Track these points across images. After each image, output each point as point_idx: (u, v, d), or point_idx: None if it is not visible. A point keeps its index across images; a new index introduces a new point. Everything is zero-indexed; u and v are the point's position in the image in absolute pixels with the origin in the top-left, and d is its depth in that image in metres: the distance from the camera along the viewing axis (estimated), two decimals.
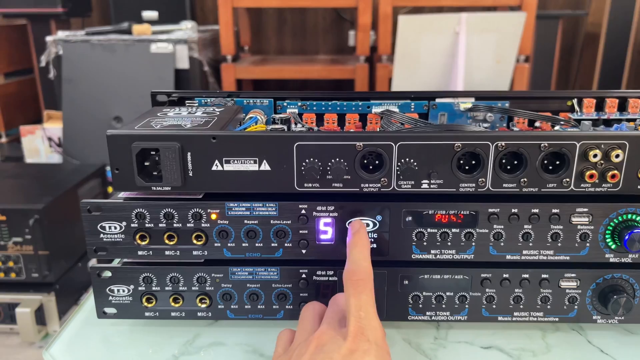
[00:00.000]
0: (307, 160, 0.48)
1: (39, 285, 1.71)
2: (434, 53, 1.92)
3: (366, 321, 0.42)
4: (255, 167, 0.49)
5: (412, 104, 0.66)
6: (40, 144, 2.41)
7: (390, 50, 2.13)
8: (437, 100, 0.66)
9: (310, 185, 0.49)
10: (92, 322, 0.56)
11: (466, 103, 0.66)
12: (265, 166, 0.49)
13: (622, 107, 0.64)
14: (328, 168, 0.48)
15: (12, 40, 2.59)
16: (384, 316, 0.54)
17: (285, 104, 0.66)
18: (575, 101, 0.65)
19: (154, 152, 0.49)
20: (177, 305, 0.54)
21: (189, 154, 0.48)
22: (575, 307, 0.53)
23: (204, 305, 0.54)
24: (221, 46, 2.24)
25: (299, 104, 0.66)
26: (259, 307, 0.54)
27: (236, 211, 0.51)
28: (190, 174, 0.49)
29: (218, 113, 0.57)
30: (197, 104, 0.64)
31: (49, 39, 2.21)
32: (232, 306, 0.54)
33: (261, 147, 0.48)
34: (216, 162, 0.49)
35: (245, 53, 2.75)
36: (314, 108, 0.66)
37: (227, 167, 0.49)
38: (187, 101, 0.65)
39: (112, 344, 0.54)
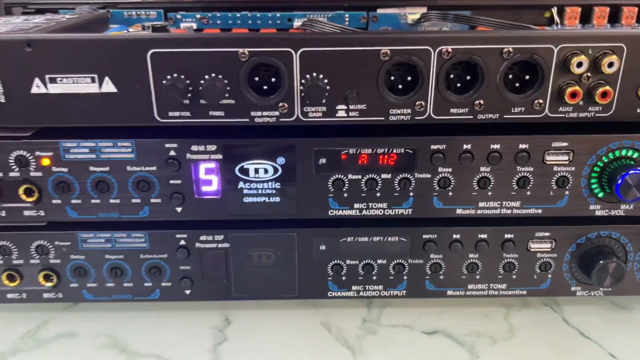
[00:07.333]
0: (168, 77, 0.33)
1: None
2: None
3: None
4: (94, 88, 0.34)
5: (347, 15, 0.51)
6: None
7: None
8: (379, 10, 0.51)
9: (177, 114, 0.34)
10: None
11: (415, 14, 0.51)
12: (108, 86, 0.34)
13: (614, 17, 0.50)
14: (200, 87, 0.33)
15: None
16: (295, 293, 0.41)
17: (179, 16, 0.51)
18: (554, 10, 0.51)
19: None
20: (13, 284, 0.40)
21: None
22: (549, 276, 0.40)
23: (49, 284, 0.40)
24: None
25: (198, 16, 0.50)
26: (125, 284, 0.40)
27: (76, 154, 0.36)
28: (2, 99, 0.34)
29: (65, 19, 0.41)
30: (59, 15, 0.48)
31: None
32: (88, 284, 0.40)
33: (99, 58, 0.33)
34: (37, 80, 0.33)
35: None
36: (218, 22, 0.51)
37: (54, 89, 0.34)
38: (47, 13, 0.49)
39: None
